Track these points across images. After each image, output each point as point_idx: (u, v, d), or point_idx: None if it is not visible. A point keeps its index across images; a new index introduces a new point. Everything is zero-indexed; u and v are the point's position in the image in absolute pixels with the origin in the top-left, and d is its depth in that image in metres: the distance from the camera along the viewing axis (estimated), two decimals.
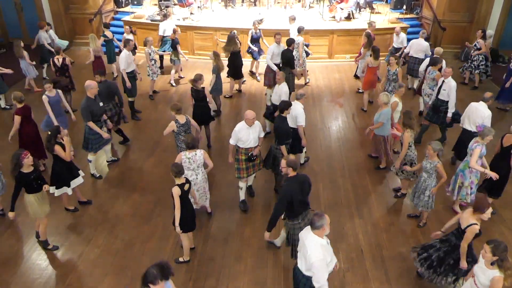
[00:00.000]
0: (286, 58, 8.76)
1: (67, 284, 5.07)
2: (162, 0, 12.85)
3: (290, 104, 6.13)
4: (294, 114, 6.42)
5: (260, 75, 10.83)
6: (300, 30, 9.84)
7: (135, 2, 14.01)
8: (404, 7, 13.16)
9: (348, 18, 12.73)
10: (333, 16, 12.79)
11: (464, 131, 6.84)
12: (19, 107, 6.59)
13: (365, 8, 13.78)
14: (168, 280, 3.49)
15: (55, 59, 8.68)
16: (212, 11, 13.71)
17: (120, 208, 6.37)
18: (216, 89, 8.57)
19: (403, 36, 10.43)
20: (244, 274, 5.23)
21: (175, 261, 5.33)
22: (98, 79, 7.14)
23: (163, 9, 12.45)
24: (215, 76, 8.40)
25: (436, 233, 4.89)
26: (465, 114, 6.84)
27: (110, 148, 7.48)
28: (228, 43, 9.45)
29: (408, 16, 13.26)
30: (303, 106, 6.63)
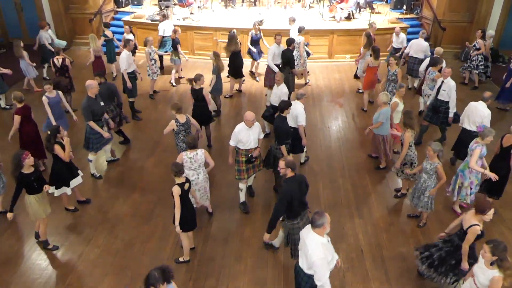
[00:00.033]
0: (286, 58, 8.76)
1: (67, 284, 5.08)
2: (162, 0, 12.85)
3: (290, 104, 6.14)
4: (295, 113, 6.43)
5: (259, 76, 10.84)
6: (300, 30, 9.84)
7: (135, 2, 14.01)
8: (404, 7, 13.16)
9: (348, 18, 12.74)
10: (333, 16, 12.78)
11: (464, 130, 6.84)
12: (19, 107, 6.60)
13: (365, 8, 13.77)
14: (171, 283, 3.50)
15: (55, 60, 8.69)
16: (212, 11, 13.71)
17: (120, 208, 6.37)
18: (217, 89, 8.58)
19: (403, 36, 10.44)
20: (244, 274, 5.23)
21: (175, 261, 5.33)
22: (98, 81, 7.13)
23: (163, 9, 12.44)
24: (215, 76, 8.41)
25: (440, 234, 4.89)
26: (464, 114, 6.84)
27: (110, 148, 7.48)
28: (229, 42, 9.45)
29: (408, 16, 13.27)
30: (303, 105, 6.64)
